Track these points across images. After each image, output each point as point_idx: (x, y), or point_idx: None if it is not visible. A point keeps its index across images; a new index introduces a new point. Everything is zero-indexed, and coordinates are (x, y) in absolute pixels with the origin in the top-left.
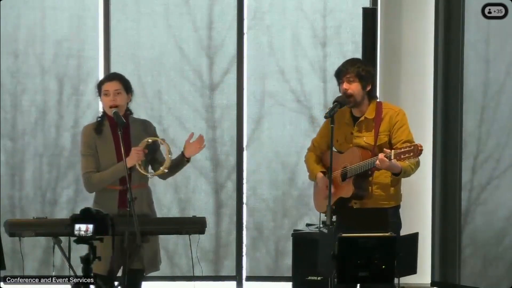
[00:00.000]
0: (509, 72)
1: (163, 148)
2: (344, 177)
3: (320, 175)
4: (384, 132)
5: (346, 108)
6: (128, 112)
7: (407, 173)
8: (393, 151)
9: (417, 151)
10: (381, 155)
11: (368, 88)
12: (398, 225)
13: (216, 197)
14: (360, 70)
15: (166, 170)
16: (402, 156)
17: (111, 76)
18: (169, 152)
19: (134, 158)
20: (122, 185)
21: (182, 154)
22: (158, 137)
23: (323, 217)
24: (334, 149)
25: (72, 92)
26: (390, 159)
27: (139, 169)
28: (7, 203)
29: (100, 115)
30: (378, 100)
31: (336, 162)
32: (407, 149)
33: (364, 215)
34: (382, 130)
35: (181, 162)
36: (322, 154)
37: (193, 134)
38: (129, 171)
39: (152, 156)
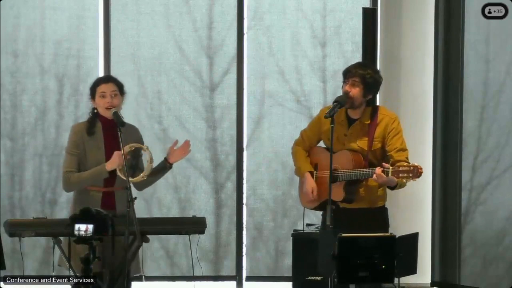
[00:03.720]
0: (509, 72)
1: (145, 156)
2: (333, 179)
3: (308, 176)
4: (378, 138)
5: (342, 108)
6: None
7: (402, 186)
8: (391, 168)
9: (417, 173)
10: (378, 170)
11: (369, 97)
12: (386, 225)
13: (216, 197)
14: (368, 76)
15: (144, 178)
16: (400, 175)
17: (107, 78)
18: (151, 160)
19: (116, 162)
20: (106, 186)
21: (165, 159)
22: (143, 143)
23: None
24: (323, 145)
25: (72, 92)
26: (387, 175)
27: (119, 174)
28: (7, 203)
29: (90, 115)
30: (374, 105)
31: (326, 160)
32: (407, 169)
33: (354, 215)
34: (376, 135)
35: (163, 167)
36: (310, 149)
37: (177, 142)
38: (108, 175)
39: (135, 162)
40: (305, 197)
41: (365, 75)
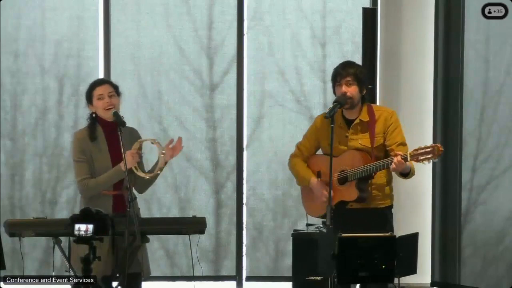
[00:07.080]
0: (509, 72)
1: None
2: (342, 180)
3: (315, 180)
4: (380, 134)
5: (337, 111)
6: None
7: (412, 173)
8: (408, 152)
9: (438, 151)
10: (397, 158)
11: (364, 92)
12: (392, 224)
13: (216, 197)
14: (358, 73)
15: (160, 172)
16: (420, 158)
17: (101, 81)
18: (163, 153)
19: (130, 161)
20: (116, 189)
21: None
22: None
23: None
24: (321, 152)
25: (72, 92)
26: (406, 161)
27: (136, 172)
28: (7, 203)
29: (89, 121)
30: (368, 103)
31: (328, 165)
32: (425, 150)
33: (365, 216)
34: (377, 132)
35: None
36: (308, 159)
37: (173, 140)
38: (124, 176)
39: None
40: (314, 204)
41: (356, 72)
